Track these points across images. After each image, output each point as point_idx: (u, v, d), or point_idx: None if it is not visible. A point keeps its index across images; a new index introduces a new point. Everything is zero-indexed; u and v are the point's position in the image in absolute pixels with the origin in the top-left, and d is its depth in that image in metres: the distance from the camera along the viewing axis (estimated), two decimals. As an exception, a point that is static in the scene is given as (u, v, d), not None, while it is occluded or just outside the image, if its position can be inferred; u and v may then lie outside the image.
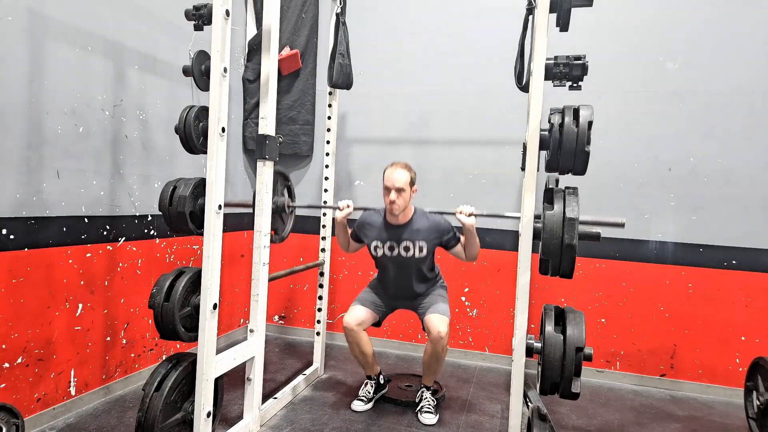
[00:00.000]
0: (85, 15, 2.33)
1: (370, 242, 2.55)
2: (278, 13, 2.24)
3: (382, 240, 2.51)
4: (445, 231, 2.48)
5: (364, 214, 2.62)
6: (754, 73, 2.93)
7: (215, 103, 1.86)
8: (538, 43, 1.90)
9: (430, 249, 2.48)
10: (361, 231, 2.60)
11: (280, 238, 2.51)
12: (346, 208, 2.51)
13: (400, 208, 2.40)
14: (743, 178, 2.95)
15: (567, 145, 1.82)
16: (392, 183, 2.37)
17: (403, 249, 2.48)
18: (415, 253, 2.47)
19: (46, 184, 2.19)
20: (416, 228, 2.47)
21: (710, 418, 2.71)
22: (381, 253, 2.53)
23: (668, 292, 3.08)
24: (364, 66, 3.43)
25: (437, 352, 2.39)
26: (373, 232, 2.54)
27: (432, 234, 2.47)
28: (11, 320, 2.07)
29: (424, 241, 2.46)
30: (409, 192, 2.41)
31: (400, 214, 2.44)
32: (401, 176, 2.37)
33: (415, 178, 2.46)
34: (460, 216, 2.33)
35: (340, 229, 2.60)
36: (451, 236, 2.49)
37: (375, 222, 2.55)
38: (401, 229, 2.48)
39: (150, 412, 1.79)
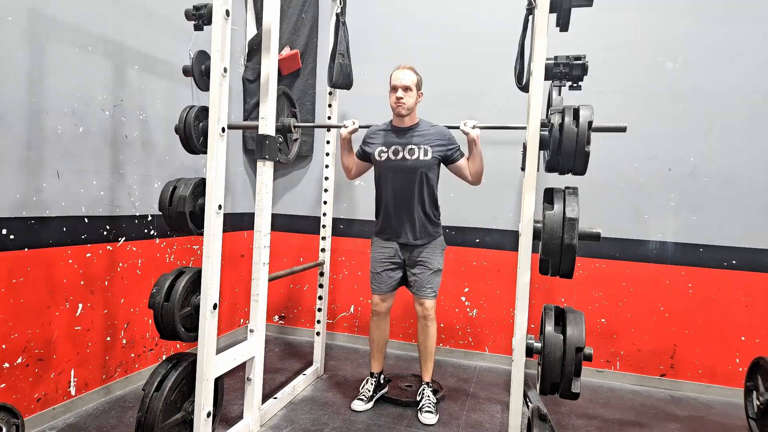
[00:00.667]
0: (85, 15, 2.33)
1: (375, 150, 2.52)
2: (278, 13, 2.24)
3: (386, 144, 2.50)
4: (449, 140, 2.49)
5: (371, 128, 2.62)
6: (754, 73, 2.93)
7: (215, 103, 1.86)
8: (538, 43, 1.90)
9: (434, 155, 2.46)
10: (367, 141, 2.59)
11: (286, 159, 2.55)
12: (351, 125, 2.53)
13: (406, 106, 2.41)
14: (743, 178, 2.95)
15: (567, 145, 1.82)
16: (399, 81, 2.39)
17: (408, 152, 2.46)
18: (420, 156, 2.44)
19: (46, 184, 2.19)
20: (421, 132, 2.48)
21: (710, 418, 2.71)
22: (385, 157, 2.49)
23: (668, 292, 3.08)
24: (364, 66, 3.43)
25: (426, 327, 2.54)
26: (378, 139, 2.54)
27: (437, 139, 2.47)
28: (11, 320, 2.07)
29: (428, 145, 2.46)
30: (415, 93, 2.43)
31: (407, 117, 2.45)
32: (408, 75, 2.40)
33: (422, 82, 2.49)
34: (464, 127, 2.37)
35: (345, 148, 2.60)
36: (455, 148, 2.49)
37: (380, 129, 2.57)
38: (406, 131, 2.49)
39: (150, 412, 1.79)
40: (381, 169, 2.54)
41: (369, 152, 2.56)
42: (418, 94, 2.47)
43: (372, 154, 2.54)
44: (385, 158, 2.50)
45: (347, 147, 2.60)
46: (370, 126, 2.62)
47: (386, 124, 2.57)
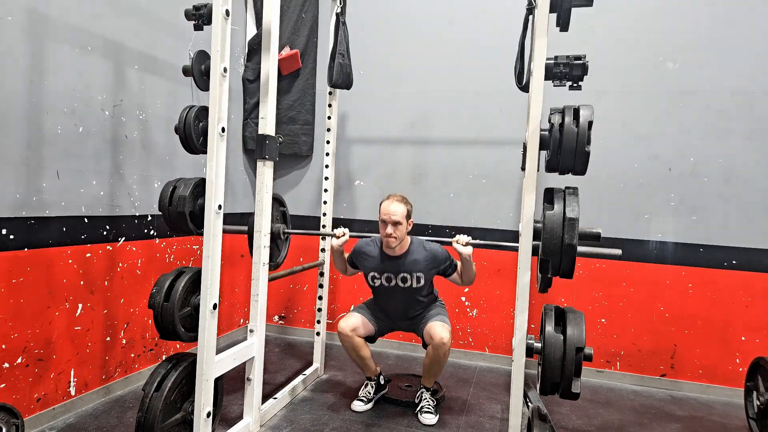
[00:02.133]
0: (85, 15, 2.33)
1: (367, 273, 2.55)
2: (278, 13, 2.24)
3: (379, 272, 2.51)
4: (442, 261, 2.49)
5: (361, 242, 2.60)
6: (754, 73, 2.93)
7: (215, 103, 1.86)
8: (538, 43, 1.90)
9: (427, 279, 2.49)
10: (358, 260, 2.60)
11: (275, 264, 2.51)
12: (342, 236, 2.48)
13: (396, 241, 2.40)
14: (743, 178, 2.95)
15: (567, 145, 1.82)
16: (389, 216, 2.36)
17: (401, 280, 2.48)
18: (413, 284, 2.48)
19: (46, 184, 2.19)
20: (413, 259, 2.47)
21: (710, 418, 2.71)
22: (378, 283, 2.53)
23: (668, 292, 3.08)
24: (364, 66, 3.43)
25: (438, 357, 2.40)
26: (370, 263, 2.53)
27: (429, 265, 2.48)
28: (11, 320, 2.07)
29: (421, 272, 2.47)
30: (405, 225, 2.41)
31: (397, 246, 2.44)
32: (398, 209, 2.37)
33: (412, 211, 2.47)
34: (457, 246, 2.33)
35: (337, 256, 2.59)
36: (447, 265, 2.50)
37: (371, 253, 2.54)
38: (398, 260, 2.48)
39: (150, 412, 1.78)
40: (375, 290, 2.60)
41: (360, 269, 2.61)
42: (408, 224, 2.44)
43: (364, 274, 2.58)
44: (379, 284, 2.54)
45: (339, 254, 2.58)
46: (361, 235, 2.60)
47: (377, 242, 2.54)
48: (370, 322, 2.57)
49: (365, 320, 2.55)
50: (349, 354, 2.56)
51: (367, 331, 2.56)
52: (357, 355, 2.53)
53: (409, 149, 3.50)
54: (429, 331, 2.40)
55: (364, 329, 2.54)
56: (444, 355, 2.38)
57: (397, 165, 3.52)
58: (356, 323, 2.51)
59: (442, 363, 2.44)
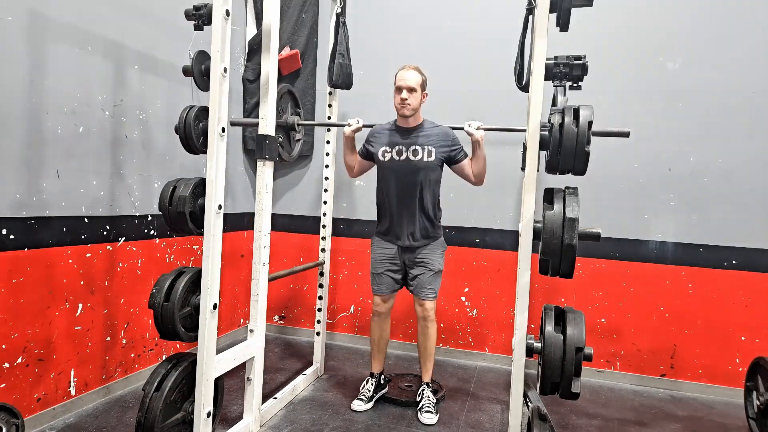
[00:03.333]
0: (85, 15, 2.33)
1: (378, 150, 2.52)
2: (278, 13, 2.24)
3: (390, 145, 2.49)
4: (453, 140, 2.48)
5: (374, 127, 2.61)
6: (754, 73, 2.93)
7: (215, 103, 1.86)
8: (538, 43, 1.90)
9: (438, 156, 2.45)
10: (371, 141, 2.58)
11: (289, 157, 2.55)
12: (355, 123, 2.52)
13: (411, 107, 2.39)
14: (743, 178, 2.95)
15: (567, 145, 1.82)
16: (404, 81, 2.37)
17: (412, 152, 2.45)
18: (424, 156, 2.44)
19: (46, 184, 2.19)
20: (425, 133, 2.47)
21: (710, 418, 2.71)
22: (389, 157, 2.49)
23: (668, 292, 3.08)
24: (364, 66, 3.43)
25: (425, 328, 2.54)
26: (382, 138, 2.53)
27: (441, 140, 2.46)
28: (11, 320, 2.07)
29: (432, 146, 2.45)
30: (420, 94, 2.41)
31: (411, 117, 2.44)
32: (413, 76, 2.38)
33: (427, 83, 2.47)
34: (469, 128, 2.35)
35: (348, 146, 2.59)
36: (459, 149, 2.49)
37: (384, 129, 2.55)
38: (410, 132, 2.48)
39: (150, 412, 1.79)
40: (384, 169, 2.53)
41: (372, 152, 2.56)
42: (423, 95, 2.45)
43: (375, 154, 2.54)
44: (389, 158, 2.49)
45: (350, 145, 2.59)
46: (374, 125, 2.61)
47: (390, 123, 2.57)
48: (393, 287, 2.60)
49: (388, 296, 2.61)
50: (373, 334, 2.65)
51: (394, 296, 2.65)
52: (380, 338, 2.64)
53: (409, 149, 3.49)
54: (416, 300, 2.56)
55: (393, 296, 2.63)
56: (431, 323, 2.53)
57: (397, 165, 3.52)
58: (389, 299, 2.61)
59: (431, 335, 2.55)
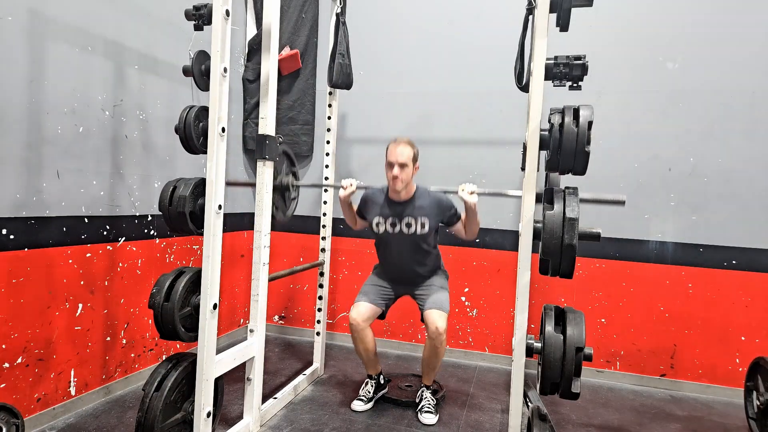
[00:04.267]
0: (85, 15, 2.33)
1: (372, 218, 2.54)
2: (278, 13, 2.24)
3: (384, 216, 2.51)
4: (446, 208, 2.49)
5: (368, 191, 2.61)
6: (754, 73, 2.93)
7: (215, 103, 1.86)
8: (538, 43, 1.90)
9: (432, 226, 2.47)
10: (364, 208, 2.61)
11: (283, 217, 2.52)
12: (349, 186, 2.50)
13: (403, 183, 2.39)
14: (743, 178, 2.95)
15: (567, 145, 1.82)
16: (396, 158, 2.37)
17: (405, 225, 2.47)
18: (417, 230, 2.46)
19: (46, 184, 2.19)
20: (418, 204, 2.47)
21: (710, 418, 2.71)
22: (383, 229, 2.51)
23: (668, 292, 3.08)
24: (364, 66, 3.43)
25: (435, 348, 2.40)
26: (375, 209, 2.54)
27: (434, 211, 2.47)
28: (11, 320, 2.07)
29: (426, 217, 2.46)
30: (411, 168, 2.41)
31: (403, 191, 2.44)
32: (405, 151, 2.38)
33: (418, 155, 2.47)
34: (463, 194, 2.33)
35: (345, 207, 2.60)
36: (452, 213, 2.50)
37: (377, 199, 2.55)
38: (403, 205, 2.48)
39: (150, 412, 1.79)
40: (379, 238, 2.59)
41: (366, 218, 2.60)
42: (415, 168, 2.45)
43: (369, 221, 2.58)
44: (383, 230, 2.52)
45: (347, 206, 2.59)
46: (368, 187, 2.61)
47: (383, 190, 2.56)
48: (376, 302, 2.56)
49: (373, 307, 2.54)
50: (356, 346, 2.55)
51: (375, 314, 2.57)
52: (364, 349, 2.54)
53: (409, 149, 3.49)
54: (426, 320, 2.42)
55: (373, 313, 2.55)
56: (441, 344, 2.39)
57: (397, 165, 3.52)
58: (366, 312, 2.51)
59: (440, 354, 2.44)
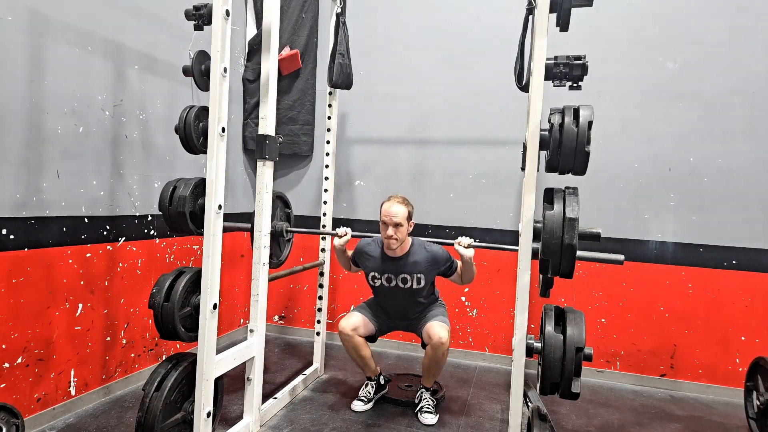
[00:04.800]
0: (85, 15, 2.33)
1: (367, 272, 2.55)
2: (278, 13, 2.24)
3: (379, 272, 2.51)
4: (443, 262, 2.48)
5: (362, 242, 2.61)
6: (754, 73, 2.93)
7: (215, 103, 1.86)
8: (538, 43, 1.90)
9: (428, 280, 2.49)
10: (359, 260, 2.61)
11: (278, 262, 2.53)
12: (344, 235, 2.50)
13: (397, 243, 2.40)
14: (743, 178, 2.95)
15: (567, 145, 1.82)
16: (390, 218, 2.36)
17: (401, 281, 2.48)
18: (413, 285, 2.48)
19: (46, 184, 2.19)
20: (414, 260, 2.46)
21: (710, 418, 2.71)
22: (379, 284, 2.53)
23: (668, 292, 3.08)
24: (364, 66, 3.43)
25: (437, 357, 2.40)
26: (370, 263, 2.53)
27: (430, 266, 2.47)
28: (11, 320, 2.07)
29: (422, 273, 2.46)
30: (406, 226, 2.41)
31: (398, 248, 2.44)
32: (399, 211, 2.36)
33: (413, 212, 2.46)
34: (459, 248, 2.32)
35: (340, 254, 2.61)
36: (448, 267, 2.50)
37: (372, 252, 2.54)
38: (399, 261, 2.47)
39: (150, 412, 1.79)
40: (375, 289, 2.60)
41: (361, 268, 2.61)
42: (409, 225, 2.44)
43: (365, 275, 2.58)
44: (379, 285, 2.53)
45: (341, 254, 2.60)
46: (362, 236, 2.60)
47: (378, 243, 2.54)
48: (370, 321, 2.57)
49: (366, 320, 2.55)
50: (349, 353, 2.56)
51: (367, 330, 2.56)
52: (357, 355, 2.53)
53: (409, 149, 3.50)
54: (428, 331, 2.40)
55: (365, 329, 2.54)
56: (443, 354, 2.38)
57: (397, 165, 3.52)
58: (357, 323, 2.51)
59: (441, 363, 2.44)
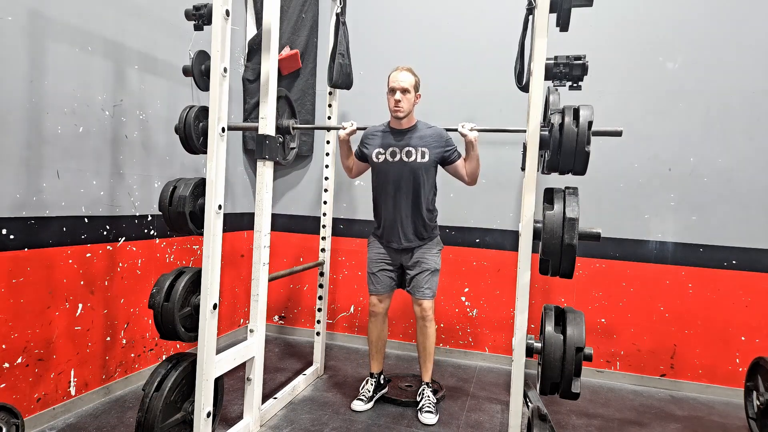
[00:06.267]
0: (85, 15, 2.33)
1: (372, 151, 2.53)
2: (278, 13, 2.24)
3: (384, 146, 2.50)
4: (447, 141, 2.49)
5: (368, 129, 2.61)
6: (754, 73, 2.93)
7: (215, 103, 1.86)
8: (538, 43, 1.90)
9: (431, 157, 2.46)
10: (365, 143, 2.59)
11: (286, 161, 2.57)
12: (349, 126, 2.52)
13: (404, 109, 2.40)
14: (743, 178, 2.95)
15: (567, 145, 1.82)
16: (398, 83, 2.37)
17: (405, 154, 2.46)
18: (417, 158, 2.44)
19: (46, 184, 2.19)
20: (419, 134, 2.47)
21: (710, 418, 2.71)
22: (382, 159, 2.49)
23: (668, 292, 3.08)
24: (364, 66, 3.43)
25: (424, 328, 2.55)
26: (376, 140, 2.54)
27: (434, 141, 2.46)
28: (11, 320, 2.07)
29: (426, 147, 2.45)
30: (413, 95, 2.42)
31: (404, 119, 2.44)
32: (406, 77, 2.39)
33: (419, 83, 2.47)
34: (462, 129, 2.34)
35: (344, 149, 2.60)
36: (452, 149, 2.49)
37: (377, 131, 2.56)
38: (404, 133, 2.48)
39: (150, 412, 1.79)
40: (378, 171, 2.54)
41: (366, 153, 2.57)
42: (416, 96, 2.46)
43: (369, 156, 2.54)
44: (383, 160, 2.50)
45: (346, 148, 2.60)
46: (367, 127, 2.62)
47: (384, 125, 2.57)
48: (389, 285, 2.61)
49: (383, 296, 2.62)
50: (370, 334, 2.65)
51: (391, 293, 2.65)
52: (377, 338, 2.64)
53: (409, 149, 3.49)
54: (415, 301, 2.55)
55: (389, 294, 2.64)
56: (429, 323, 2.54)
57: (397, 165, 3.52)
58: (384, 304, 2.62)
59: (430, 334, 2.55)
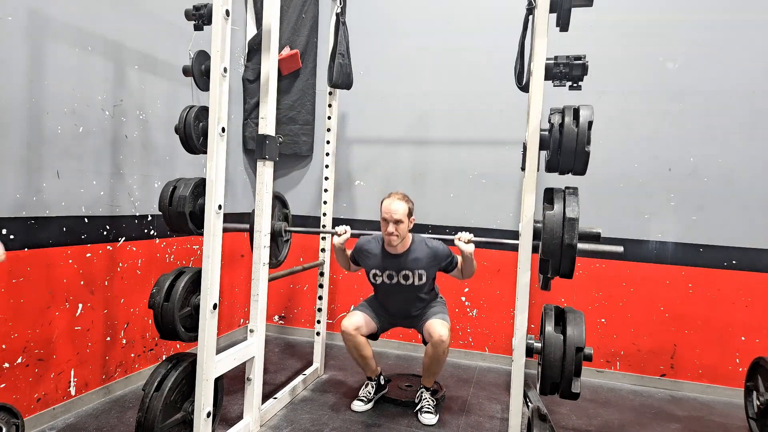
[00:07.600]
0: (85, 15, 2.33)
1: (368, 270, 2.55)
2: (278, 13, 2.24)
3: (380, 269, 2.51)
4: (443, 258, 2.48)
5: (362, 240, 2.61)
6: (754, 73, 2.93)
7: (215, 103, 1.86)
8: (538, 43, 1.90)
9: (429, 276, 2.49)
10: (360, 258, 2.60)
11: (277, 262, 2.53)
12: (343, 234, 2.50)
13: (398, 239, 2.40)
14: (743, 178, 2.95)
15: (567, 145, 1.82)
16: (390, 215, 2.36)
17: (402, 278, 2.48)
18: (415, 281, 2.47)
19: (46, 184, 2.19)
20: (415, 257, 2.46)
21: (710, 418, 2.71)
22: (380, 281, 2.53)
23: (668, 292, 3.08)
24: (364, 66, 3.43)
25: (438, 355, 2.39)
26: (371, 261, 2.54)
27: (431, 262, 2.47)
28: (11, 320, 2.07)
29: (423, 269, 2.46)
30: (407, 223, 2.40)
31: (399, 245, 2.44)
32: (399, 208, 2.36)
33: (413, 209, 2.46)
34: (459, 243, 2.33)
35: (339, 254, 2.60)
36: (449, 262, 2.50)
37: (373, 250, 2.54)
38: (400, 258, 2.47)
39: (150, 412, 1.79)
40: (377, 287, 2.60)
41: (362, 266, 2.61)
42: (410, 221, 2.43)
43: (365, 271, 2.58)
44: (380, 282, 2.53)
45: (341, 252, 2.60)
46: (361, 234, 2.59)
47: (378, 241, 2.53)
48: (372, 320, 2.57)
49: (368, 318, 2.55)
50: (351, 353, 2.56)
51: (369, 329, 2.56)
52: (359, 355, 2.53)
53: (409, 149, 3.50)
54: (428, 329, 2.41)
55: (367, 328, 2.54)
56: (443, 352, 2.38)
57: (397, 165, 3.52)
58: (359, 322, 2.51)
59: (442, 361, 2.43)
